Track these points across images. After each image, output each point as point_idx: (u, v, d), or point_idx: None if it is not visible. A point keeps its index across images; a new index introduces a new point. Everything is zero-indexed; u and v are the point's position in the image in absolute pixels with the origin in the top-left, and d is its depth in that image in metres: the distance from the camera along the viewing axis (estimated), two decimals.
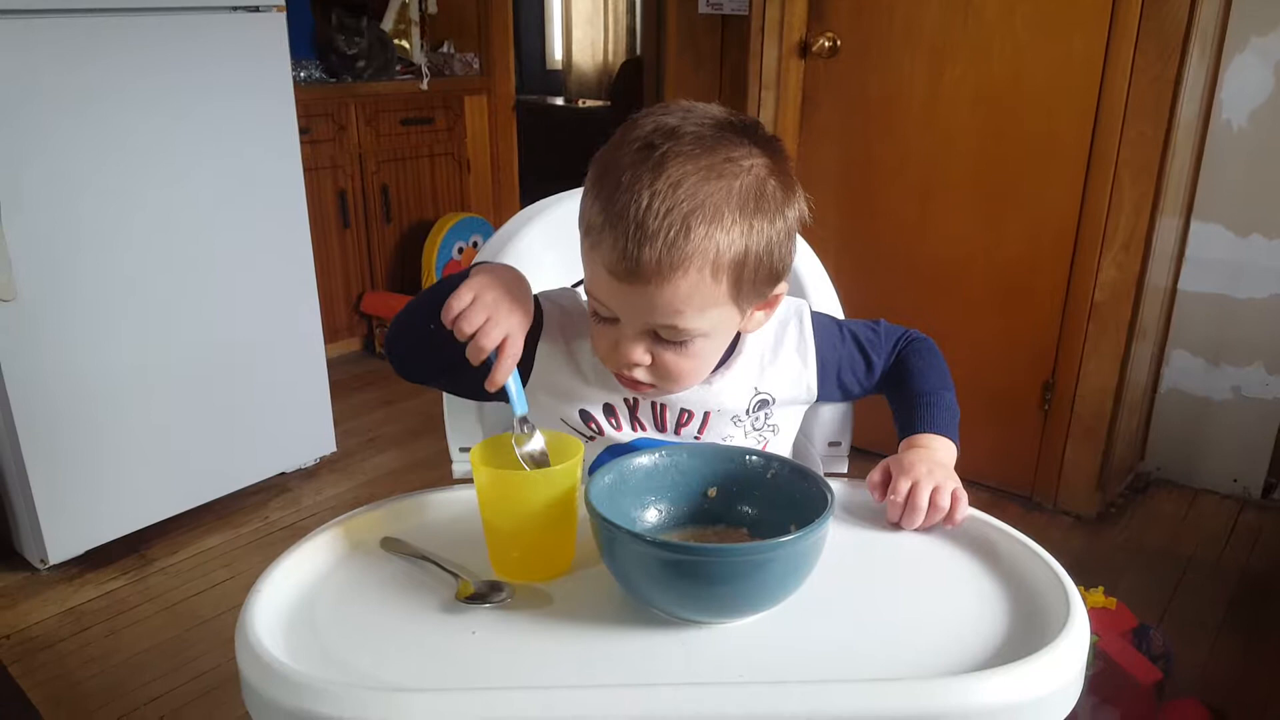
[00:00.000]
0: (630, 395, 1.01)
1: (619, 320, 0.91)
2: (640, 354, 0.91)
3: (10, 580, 2.23)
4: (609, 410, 1.02)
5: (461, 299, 0.86)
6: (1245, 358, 2.53)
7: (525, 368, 0.99)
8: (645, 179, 0.84)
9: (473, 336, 0.86)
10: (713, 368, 0.99)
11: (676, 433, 1.02)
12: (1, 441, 2.13)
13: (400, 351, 1.02)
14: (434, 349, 0.93)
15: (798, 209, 0.91)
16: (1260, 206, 2.42)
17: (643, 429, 1.02)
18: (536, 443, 0.88)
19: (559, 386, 1.02)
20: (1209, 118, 2.42)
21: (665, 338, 0.91)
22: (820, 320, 1.08)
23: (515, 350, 0.88)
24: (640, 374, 0.93)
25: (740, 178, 0.86)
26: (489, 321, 0.86)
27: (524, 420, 0.88)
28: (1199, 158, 2.46)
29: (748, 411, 1.03)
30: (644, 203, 0.83)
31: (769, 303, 0.96)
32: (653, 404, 1.01)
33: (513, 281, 0.92)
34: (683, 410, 1.01)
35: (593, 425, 1.02)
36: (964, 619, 0.80)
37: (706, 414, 1.01)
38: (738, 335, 1.00)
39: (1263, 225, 2.43)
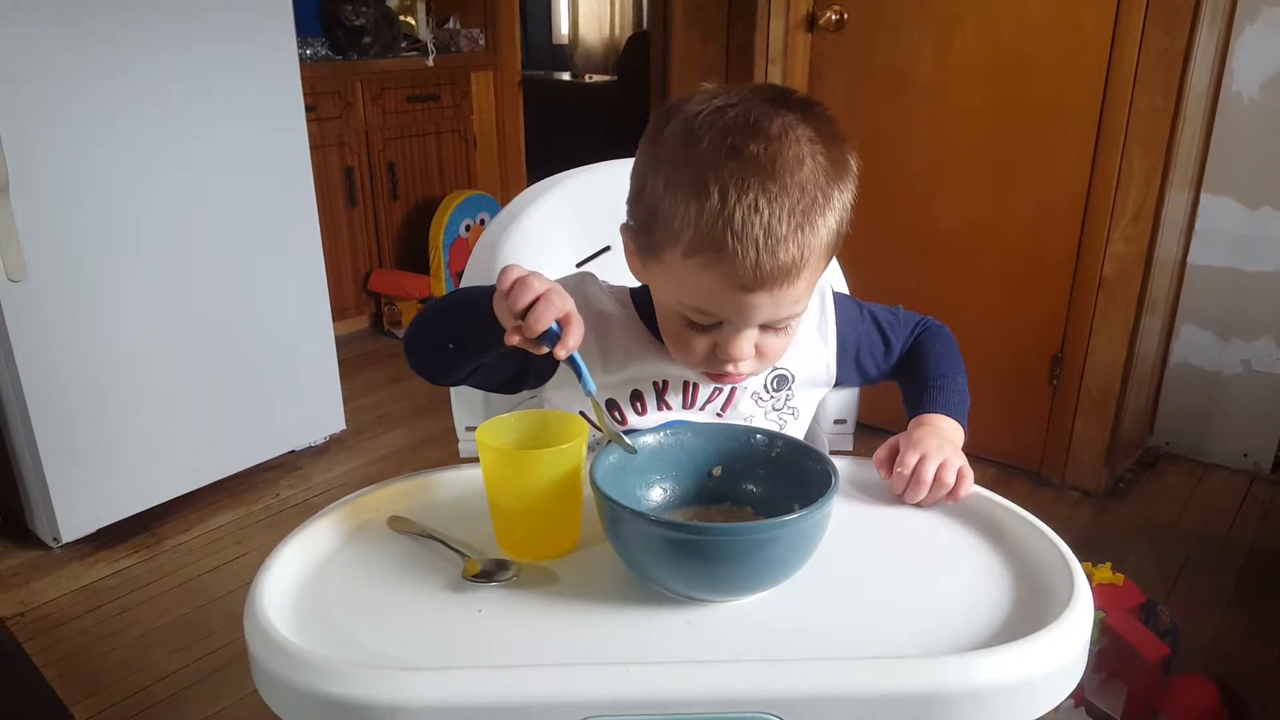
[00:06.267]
0: (660, 378, 1.00)
1: (723, 324, 0.89)
2: (750, 349, 0.91)
3: (23, 558, 2.25)
4: (636, 396, 1.01)
5: (514, 274, 0.81)
6: (1255, 331, 2.52)
7: (551, 365, 0.98)
8: (752, 185, 0.82)
9: (530, 308, 0.79)
10: None
11: (703, 409, 1.02)
12: (14, 421, 2.15)
13: (422, 356, 0.98)
14: (461, 353, 0.92)
15: (854, 164, 0.90)
16: (1271, 178, 2.41)
17: (669, 409, 1.02)
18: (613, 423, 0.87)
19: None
20: (1219, 89, 2.40)
21: (776, 327, 0.91)
22: (840, 299, 1.08)
23: (580, 321, 0.82)
24: (746, 366, 0.92)
25: (817, 155, 0.85)
26: (546, 295, 0.80)
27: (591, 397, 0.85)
28: (1209, 130, 2.44)
29: (765, 388, 1.03)
30: (765, 213, 0.82)
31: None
32: (684, 383, 1.01)
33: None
34: (715, 388, 1.01)
35: (617, 415, 1.01)
36: (968, 597, 0.80)
37: (733, 389, 1.02)
38: None
39: (1273, 197, 2.41)
